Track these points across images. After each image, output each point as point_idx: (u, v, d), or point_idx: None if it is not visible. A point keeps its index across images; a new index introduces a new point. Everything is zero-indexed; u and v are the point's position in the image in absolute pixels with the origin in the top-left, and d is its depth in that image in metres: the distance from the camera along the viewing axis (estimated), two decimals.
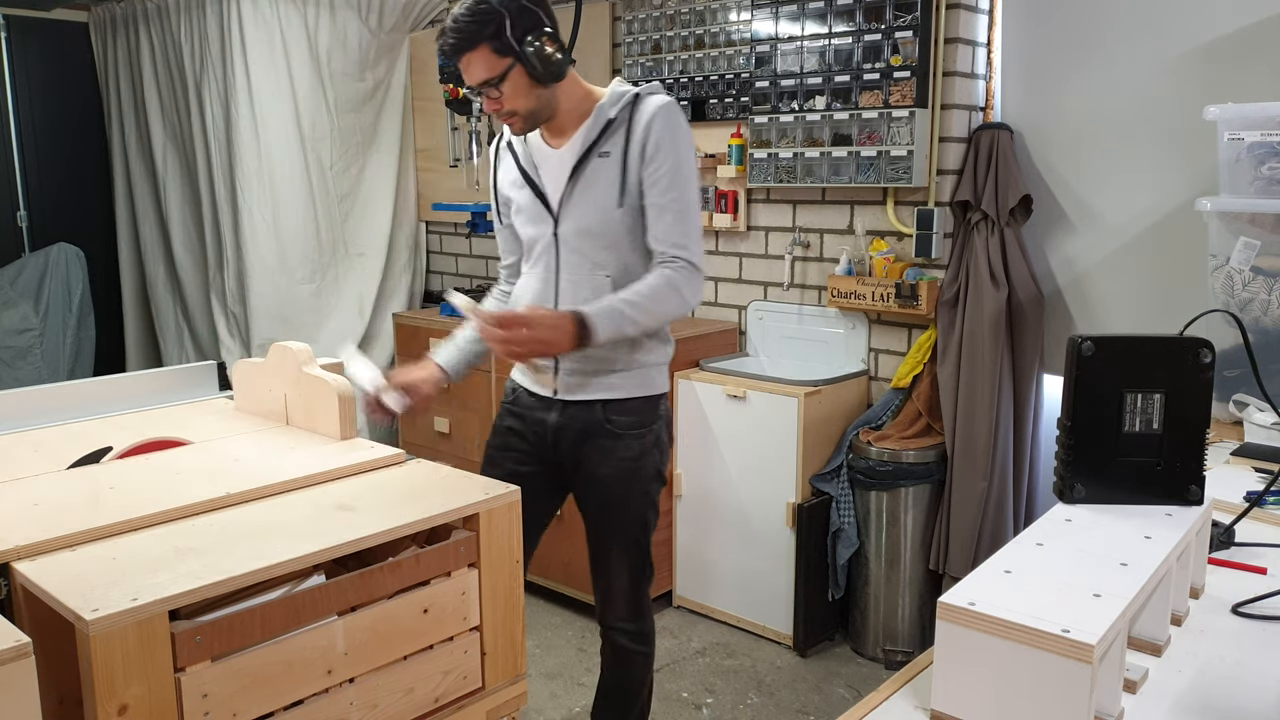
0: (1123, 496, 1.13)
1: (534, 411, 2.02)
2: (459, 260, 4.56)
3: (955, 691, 0.89)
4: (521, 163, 1.98)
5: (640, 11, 3.60)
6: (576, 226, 1.92)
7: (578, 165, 1.90)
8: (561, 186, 1.93)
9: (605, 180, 1.89)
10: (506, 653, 1.61)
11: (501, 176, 2.05)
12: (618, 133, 1.90)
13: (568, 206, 1.92)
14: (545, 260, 1.96)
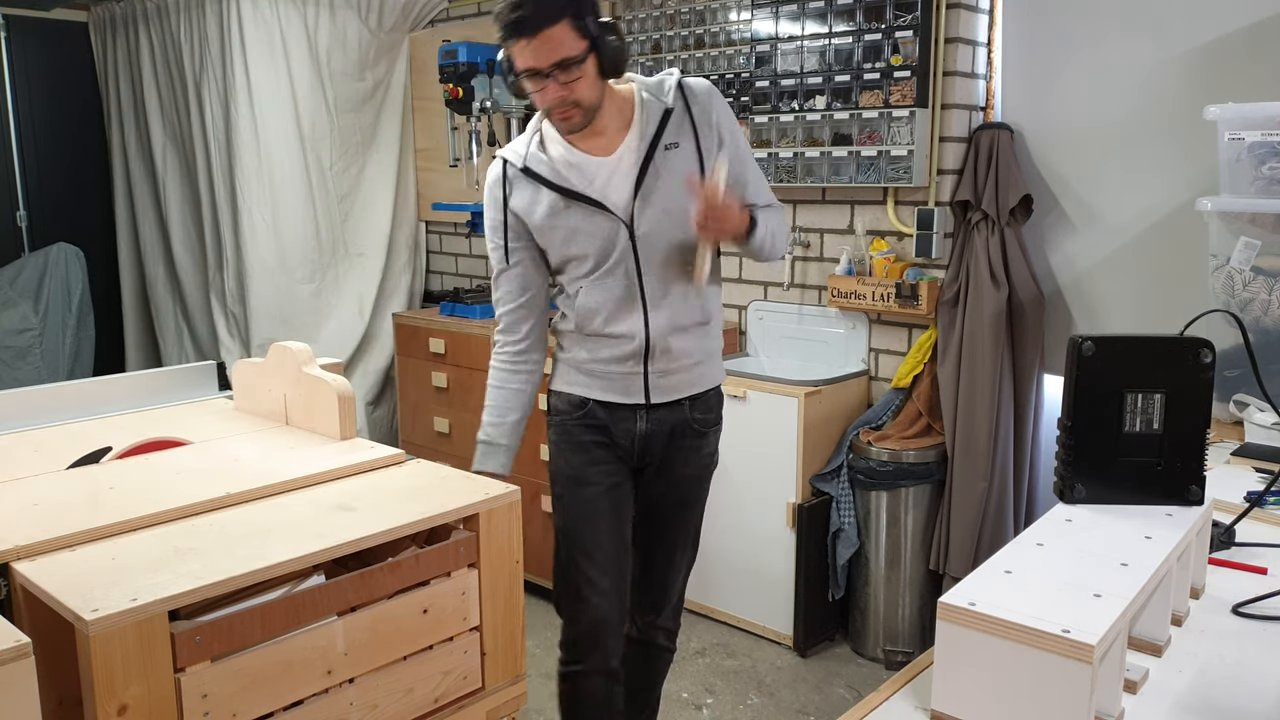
0: (1123, 496, 1.13)
1: (619, 422, 1.92)
2: (459, 260, 4.56)
3: (955, 692, 0.89)
4: (562, 185, 1.83)
5: (640, 11, 3.60)
6: (659, 225, 1.83)
7: (646, 161, 1.81)
8: (629, 189, 1.82)
9: (681, 171, 1.81)
10: (506, 653, 1.61)
11: (524, 209, 1.87)
12: (681, 122, 1.84)
13: (644, 207, 1.82)
14: (622, 268, 1.84)
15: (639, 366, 1.88)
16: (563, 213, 1.84)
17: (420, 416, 3.88)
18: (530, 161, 1.86)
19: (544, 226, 1.86)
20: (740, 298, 3.55)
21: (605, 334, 1.88)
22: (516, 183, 1.88)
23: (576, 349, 1.94)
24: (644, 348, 1.87)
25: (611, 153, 1.83)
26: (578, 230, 1.84)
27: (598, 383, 1.92)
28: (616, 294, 1.86)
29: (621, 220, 1.82)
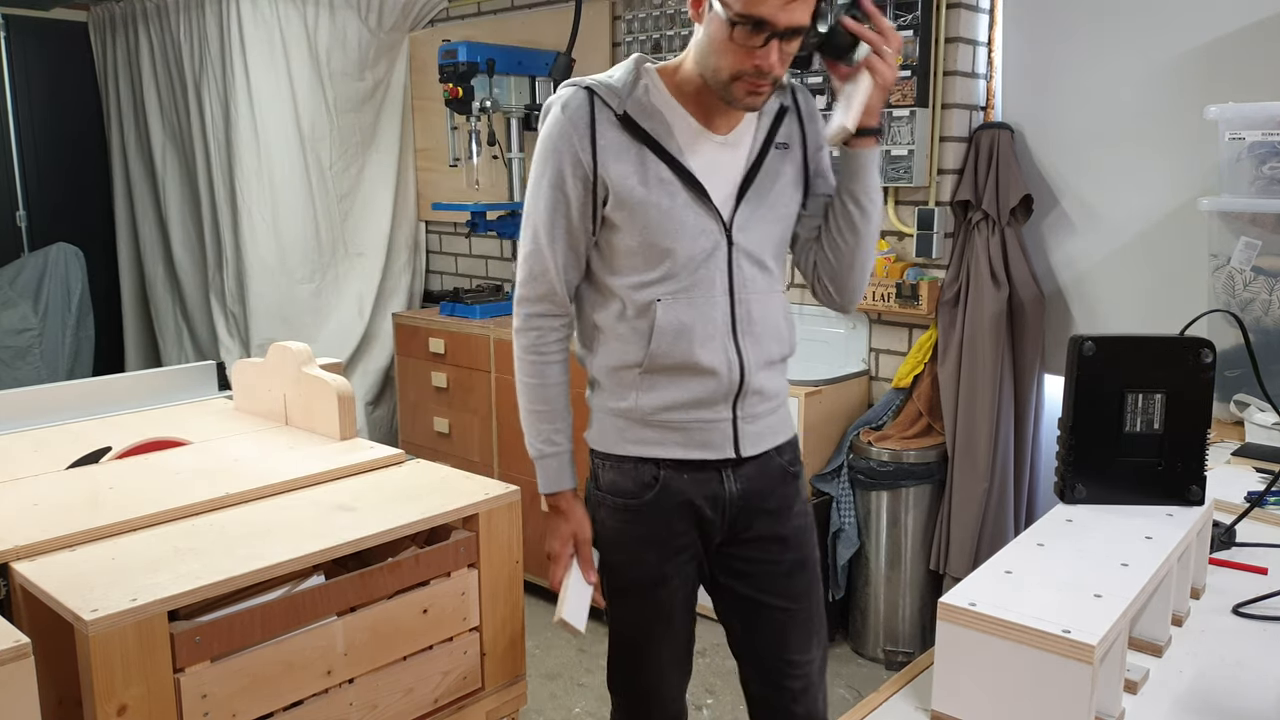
0: (1123, 497, 1.13)
1: (702, 487, 1.52)
2: (459, 260, 4.55)
3: (956, 692, 0.89)
4: (671, 152, 1.44)
5: (640, 11, 3.60)
6: (761, 236, 1.50)
7: (760, 158, 1.50)
8: (734, 185, 1.48)
9: (787, 178, 1.52)
10: (506, 653, 1.61)
11: (611, 167, 1.43)
12: (791, 123, 1.54)
13: (746, 212, 1.48)
14: (714, 280, 1.46)
15: (727, 410, 1.50)
16: (662, 190, 1.44)
17: (420, 416, 3.88)
18: (634, 108, 1.44)
19: (633, 200, 1.43)
20: None
21: (687, 368, 1.47)
22: (609, 133, 1.44)
23: (636, 393, 1.51)
24: (737, 386, 1.49)
25: (728, 131, 1.49)
26: (674, 218, 1.44)
27: (673, 437, 1.51)
28: (708, 314, 1.47)
29: (721, 219, 1.47)
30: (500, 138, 3.81)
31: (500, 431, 3.54)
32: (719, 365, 1.48)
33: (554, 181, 1.46)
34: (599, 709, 2.82)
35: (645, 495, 1.53)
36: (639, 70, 1.48)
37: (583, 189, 1.45)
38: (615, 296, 1.50)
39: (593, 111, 1.43)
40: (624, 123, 1.44)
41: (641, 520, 1.54)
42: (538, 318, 1.55)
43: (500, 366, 3.48)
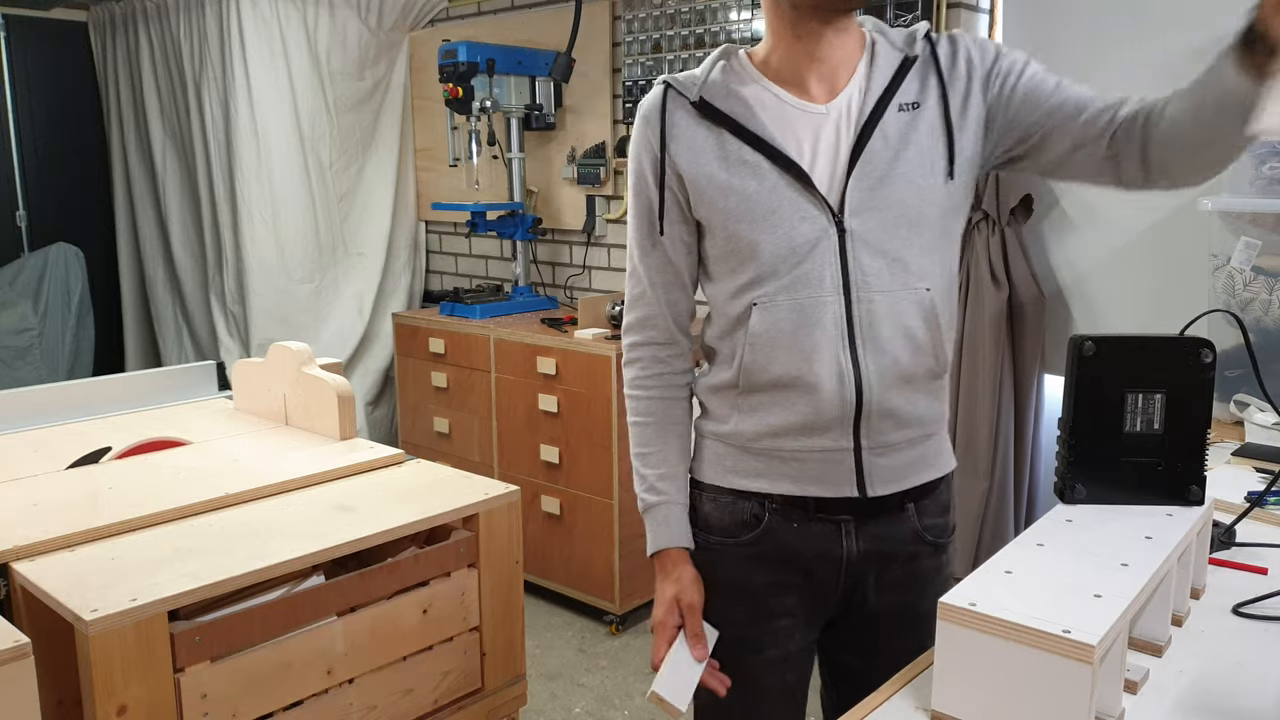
0: (1123, 497, 1.13)
1: (814, 540, 1.28)
2: (459, 260, 4.55)
3: (956, 692, 0.89)
4: (756, 131, 1.24)
5: (640, 11, 3.60)
6: (883, 217, 1.22)
7: (869, 123, 1.23)
8: (843, 157, 1.23)
9: (921, 143, 1.23)
10: (506, 653, 1.61)
11: (689, 159, 1.27)
12: (927, 77, 1.26)
13: (860, 188, 1.22)
14: (820, 278, 1.22)
15: (845, 439, 1.24)
16: (746, 172, 1.24)
17: (420, 416, 3.88)
18: (710, 92, 1.27)
19: (713, 188, 1.25)
20: None
21: (789, 384, 1.24)
22: (682, 122, 1.28)
23: (734, 415, 1.30)
24: (854, 407, 1.22)
25: (830, 98, 1.25)
26: (762, 203, 1.23)
27: (783, 469, 1.27)
28: (814, 317, 1.22)
29: (828, 205, 1.22)
30: (500, 138, 3.81)
31: (500, 431, 3.54)
32: (826, 379, 1.21)
33: (637, 189, 1.33)
34: (599, 709, 2.82)
35: (743, 535, 1.30)
36: (724, 55, 1.33)
37: (664, 190, 1.30)
38: (717, 310, 1.31)
39: (664, 103, 1.29)
40: (700, 110, 1.27)
41: (735, 565, 1.31)
42: (640, 347, 1.37)
43: (500, 366, 3.48)
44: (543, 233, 4.05)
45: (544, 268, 4.13)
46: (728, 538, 1.32)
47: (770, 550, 1.29)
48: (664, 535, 1.34)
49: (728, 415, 1.31)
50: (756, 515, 1.30)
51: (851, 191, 1.22)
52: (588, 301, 3.31)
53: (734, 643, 1.33)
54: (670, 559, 1.34)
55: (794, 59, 1.26)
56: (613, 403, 3.12)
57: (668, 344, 1.37)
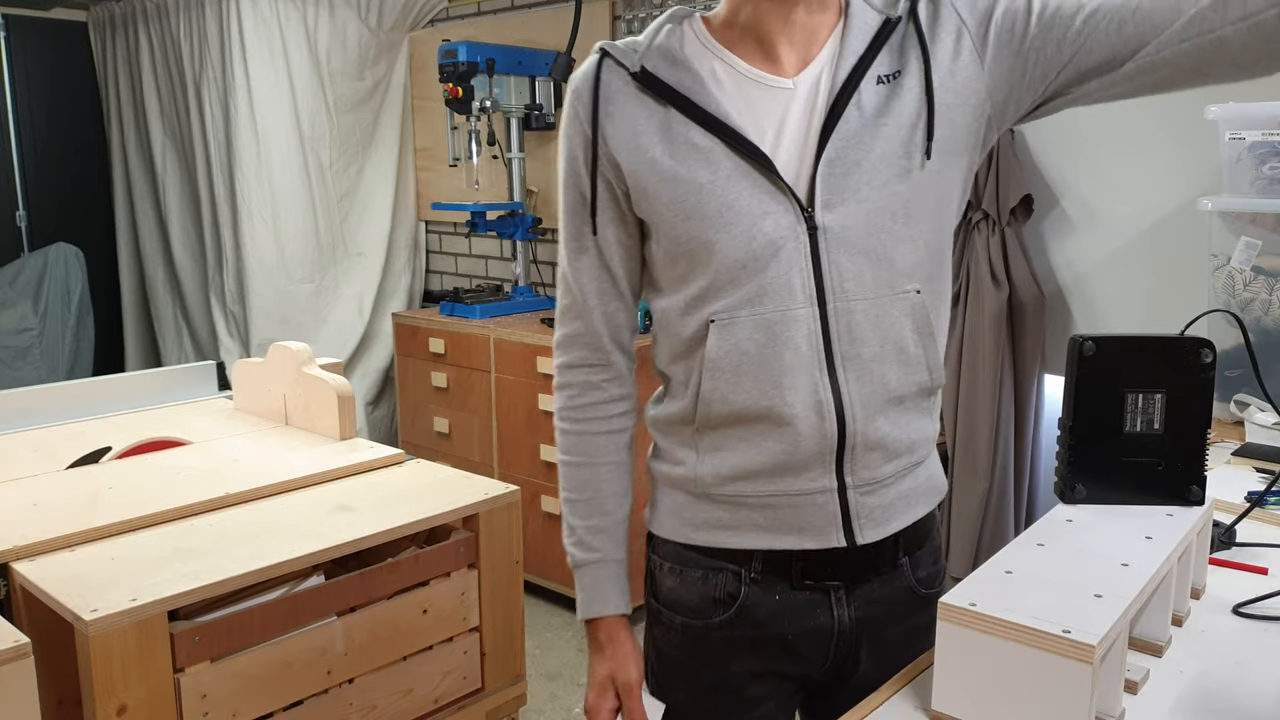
0: (1123, 497, 1.13)
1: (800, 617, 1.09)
2: (459, 260, 4.55)
3: (956, 692, 0.89)
4: (706, 108, 1.03)
5: (640, 11, 3.60)
6: (862, 210, 1.01)
7: (840, 99, 1.02)
8: (813, 140, 1.02)
9: (903, 119, 1.02)
10: (506, 653, 1.61)
11: (626, 141, 1.05)
12: (907, 40, 1.04)
13: (832, 176, 1.01)
14: (789, 287, 1.01)
15: (827, 478, 1.04)
16: (696, 158, 1.02)
17: (420, 416, 3.88)
18: (653, 61, 1.05)
19: (656, 178, 1.03)
20: None
21: (756, 417, 1.03)
22: (618, 96, 1.06)
23: (691, 456, 1.09)
24: (836, 440, 1.02)
25: (800, 69, 1.04)
26: (715, 197, 1.02)
27: (749, 519, 1.07)
28: (783, 335, 1.01)
29: (795, 197, 1.01)
30: (500, 138, 3.81)
31: (500, 431, 3.54)
32: (801, 410, 1.01)
33: (567, 179, 1.10)
34: None
35: (715, 616, 1.10)
36: (674, 19, 1.09)
37: (596, 181, 1.07)
38: (667, 329, 1.09)
39: (598, 76, 1.06)
40: (642, 81, 1.04)
41: (705, 650, 1.11)
42: (569, 370, 1.15)
43: (500, 366, 3.48)
44: (543, 233, 4.05)
45: (544, 268, 4.12)
46: (696, 619, 1.11)
47: (748, 632, 1.09)
48: (595, 601, 1.15)
49: (683, 456, 1.10)
50: (731, 592, 1.09)
51: (822, 180, 1.00)
52: None
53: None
54: (603, 629, 1.15)
55: (763, 20, 1.04)
56: None
57: (601, 366, 1.14)
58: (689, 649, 1.13)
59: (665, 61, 1.05)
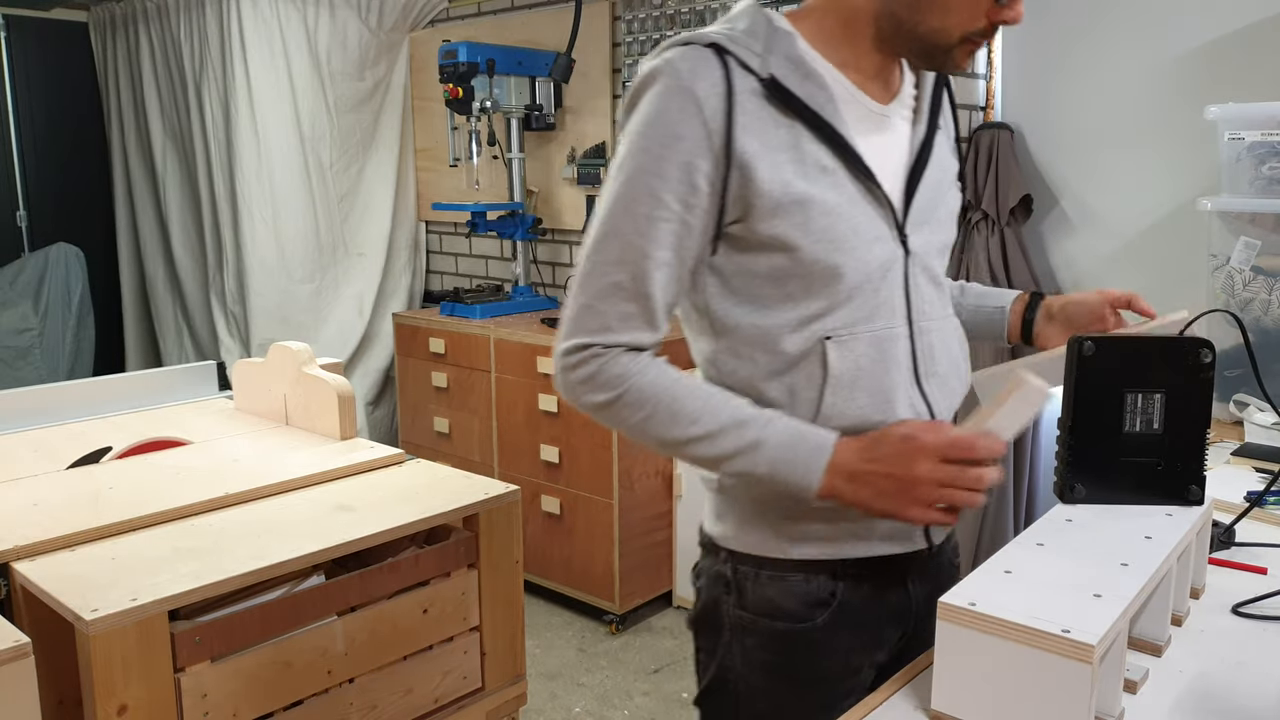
0: (1123, 496, 1.13)
1: (888, 603, 1.15)
2: (459, 260, 4.55)
3: (955, 692, 0.89)
4: (829, 119, 1.03)
5: (640, 11, 3.60)
6: (932, 238, 1.12)
7: (931, 131, 1.13)
8: (903, 168, 1.10)
9: (945, 157, 1.15)
10: (506, 653, 1.61)
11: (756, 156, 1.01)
12: (941, 89, 1.18)
13: (920, 209, 1.10)
14: (892, 308, 1.08)
15: None
16: (826, 181, 1.03)
17: (420, 416, 3.88)
18: (781, 69, 1.02)
19: (790, 200, 1.01)
20: None
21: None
22: (749, 104, 1.01)
23: None
24: None
25: (889, 100, 1.10)
26: (844, 220, 1.04)
27: (845, 530, 1.10)
28: (890, 353, 1.07)
29: (894, 217, 1.07)
30: (500, 138, 3.81)
31: (500, 431, 3.54)
32: None
33: (666, 176, 1.00)
34: (599, 709, 2.82)
35: (817, 618, 1.11)
36: (769, 18, 1.06)
37: (708, 190, 1.01)
38: (758, 344, 1.07)
39: (729, 78, 1.00)
40: (770, 90, 1.01)
41: (808, 653, 1.12)
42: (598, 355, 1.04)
43: (500, 366, 3.48)
44: (543, 233, 4.05)
45: (544, 268, 4.13)
46: (797, 623, 1.11)
47: (847, 625, 1.12)
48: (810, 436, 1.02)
49: None
50: (831, 592, 1.11)
51: (914, 209, 1.08)
52: None
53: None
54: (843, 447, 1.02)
55: (866, 55, 1.07)
56: None
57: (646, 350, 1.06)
58: (791, 653, 1.13)
59: (795, 73, 1.03)
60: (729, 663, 1.15)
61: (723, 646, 1.16)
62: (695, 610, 1.21)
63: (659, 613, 3.37)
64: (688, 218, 1.02)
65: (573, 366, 1.05)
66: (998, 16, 1.03)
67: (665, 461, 3.30)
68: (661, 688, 2.91)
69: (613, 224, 1.03)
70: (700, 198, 1.01)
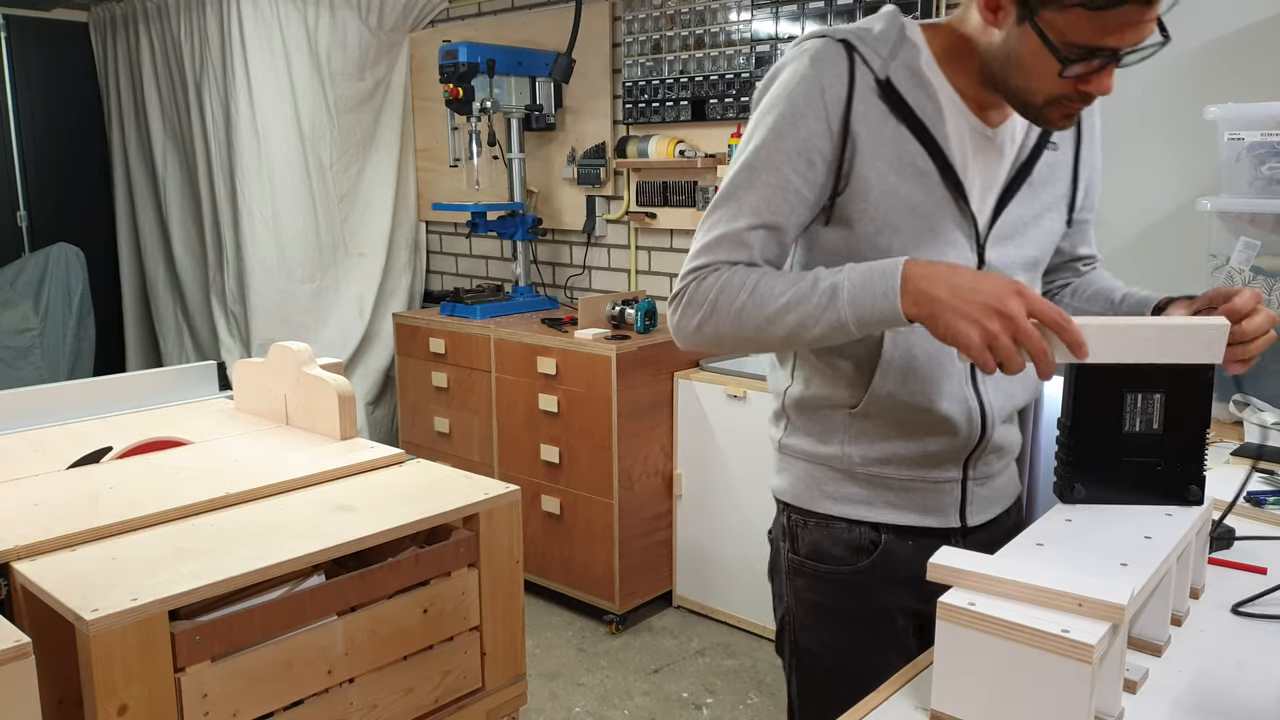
0: (1123, 497, 1.13)
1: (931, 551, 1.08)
2: (459, 260, 4.56)
3: (955, 691, 0.89)
4: (930, 127, 1.14)
5: (640, 11, 3.60)
6: (1016, 257, 1.22)
7: (1029, 162, 1.21)
8: (998, 187, 1.20)
9: (1054, 189, 1.24)
10: (506, 653, 1.61)
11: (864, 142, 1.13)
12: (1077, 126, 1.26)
13: (1006, 224, 1.20)
14: None
15: (957, 470, 1.24)
16: (916, 180, 1.15)
17: (420, 416, 3.88)
18: (898, 74, 1.14)
19: (882, 189, 1.14)
20: None
21: (921, 414, 1.20)
22: (867, 96, 1.13)
23: (841, 437, 1.24)
24: (975, 442, 1.23)
25: (1000, 123, 1.19)
26: (922, 218, 1.16)
27: (885, 496, 1.24)
28: (944, 349, 1.17)
29: (976, 230, 1.19)
30: (500, 138, 3.81)
31: (500, 431, 3.54)
32: (958, 415, 1.20)
33: (786, 149, 1.12)
34: (599, 709, 2.83)
35: (859, 562, 1.23)
36: (903, 27, 1.17)
37: (823, 167, 1.13)
38: None
39: (853, 71, 1.12)
40: (883, 91, 1.13)
41: (853, 595, 1.24)
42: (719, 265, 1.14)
43: (500, 366, 3.48)
44: (543, 233, 4.05)
45: (544, 268, 4.13)
46: (842, 565, 1.25)
47: (890, 573, 1.22)
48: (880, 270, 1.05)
49: (830, 436, 1.24)
50: (873, 540, 1.24)
51: (999, 224, 1.20)
52: (588, 302, 3.31)
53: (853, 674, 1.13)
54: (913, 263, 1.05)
55: (975, 84, 1.16)
56: (612, 402, 3.12)
57: None
58: (836, 592, 1.26)
59: (910, 80, 1.14)
60: (788, 603, 1.31)
61: (782, 588, 1.32)
62: (769, 560, 1.40)
63: (659, 613, 3.38)
64: (803, 190, 1.13)
65: (678, 307, 1.17)
66: (1084, 87, 1.06)
67: (665, 461, 3.30)
68: (661, 688, 2.91)
69: (733, 188, 1.15)
70: (815, 173, 1.13)
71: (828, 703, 1.16)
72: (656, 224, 3.65)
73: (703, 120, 3.49)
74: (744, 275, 1.12)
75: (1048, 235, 1.25)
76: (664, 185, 3.60)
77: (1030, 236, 1.23)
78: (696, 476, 3.27)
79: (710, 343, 1.16)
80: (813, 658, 1.29)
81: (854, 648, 1.25)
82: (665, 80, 3.55)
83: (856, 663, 1.21)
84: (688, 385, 3.25)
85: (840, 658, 1.26)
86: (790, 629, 1.32)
